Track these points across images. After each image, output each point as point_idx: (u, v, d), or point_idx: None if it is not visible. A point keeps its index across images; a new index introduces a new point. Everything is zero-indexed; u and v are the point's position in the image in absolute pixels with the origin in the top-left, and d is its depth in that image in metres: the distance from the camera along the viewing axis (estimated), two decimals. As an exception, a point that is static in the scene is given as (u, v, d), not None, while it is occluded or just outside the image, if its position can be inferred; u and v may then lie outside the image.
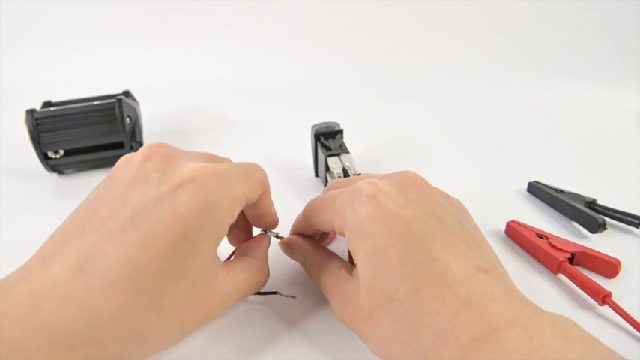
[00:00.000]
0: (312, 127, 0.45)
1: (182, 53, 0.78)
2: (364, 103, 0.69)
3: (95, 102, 0.47)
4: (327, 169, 0.41)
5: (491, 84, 0.72)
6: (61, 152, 0.46)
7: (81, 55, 0.77)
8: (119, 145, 0.47)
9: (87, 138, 0.46)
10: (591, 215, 0.37)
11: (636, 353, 0.27)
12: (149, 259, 0.21)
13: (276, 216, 0.31)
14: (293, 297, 0.31)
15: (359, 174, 0.39)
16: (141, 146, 0.49)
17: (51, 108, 0.46)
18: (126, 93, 0.53)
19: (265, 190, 0.28)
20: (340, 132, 0.44)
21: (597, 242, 0.37)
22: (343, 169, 0.40)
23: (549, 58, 0.73)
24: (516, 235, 0.37)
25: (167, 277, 0.21)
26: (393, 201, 0.24)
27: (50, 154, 0.46)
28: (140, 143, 0.49)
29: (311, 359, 0.27)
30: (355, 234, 0.24)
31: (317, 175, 0.46)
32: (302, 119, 0.52)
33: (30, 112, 0.44)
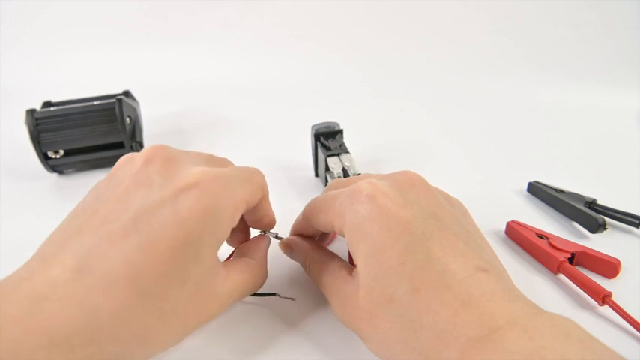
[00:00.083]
0: (312, 127, 0.45)
1: (182, 53, 0.78)
2: (364, 103, 0.69)
3: (95, 102, 0.47)
4: (327, 169, 0.41)
5: (491, 84, 0.72)
6: (61, 152, 0.46)
7: (81, 55, 0.77)
8: (119, 145, 0.47)
9: (87, 138, 0.46)
10: (591, 215, 0.37)
11: (636, 353, 0.27)
12: (151, 263, 0.21)
13: (273, 218, 0.31)
14: (292, 299, 0.31)
15: (359, 174, 0.39)
16: (141, 146, 0.49)
17: (51, 108, 0.46)
18: (126, 93, 0.53)
19: (264, 194, 0.28)
20: (340, 132, 0.44)
21: (597, 242, 0.37)
22: (343, 169, 0.40)
23: (549, 58, 0.73)
24: (516, 235, 0.37)
25: (169, 282, 0.21)
26: (392, 201, 0.24)
27: (50, 154, 0.46)
28: (140, 143, 0.49)
29: (311, 359, 0.27)
30: (355, 234, 0.24)
31: (317, 175, 0.46)
32: (302, 119, 0.52)
33: (30, 112, 0.44)
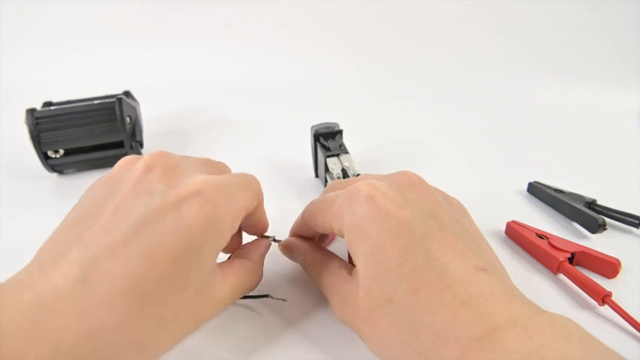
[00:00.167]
0: (311, 128, 0.44)
1: (182, 53, 0.78)
2: (364, 103, 0.69)
3: (95, 101, 0.47)
4: (327, 170, 0.41)
5: (491, 84, 0.72)
6: (61, 152, 0.46)
7: (81, 55, 0.77)
8: (119, 145, 0.47)
9: (87, 137, 0.46)
10: (591, 215, 0.37)
11: (636, 353, 0.27)
12: (152, 272, 0.21)
13: (267, 223, 0.31)
14: (284, 300, 0.31)
15: (358, 174, 0.39)
16: (141, 146, 0.49)
17: (51, 107, 0.46)
18: (126, 93, 0.53)
19: (260, 200, 0.28)
20: (339, 132, 0.44)
21: (597, 242, 0.37)
22: (342, 170, 0.40)
23: (549, 58, 0.73)
24: (516, 235, 0.37)
25: (170, 289, 0.21)
26: (392, 201, 0.24)
27: (50, 154, 0.46)
28: (140, 142, 0.49)
29: (310, 359, 0.27)
30: (354, 235, 0.24)
31: (317, 176, 0.46)
32: (302, 119, 0.52)
33: (30, 112, 0.44)
